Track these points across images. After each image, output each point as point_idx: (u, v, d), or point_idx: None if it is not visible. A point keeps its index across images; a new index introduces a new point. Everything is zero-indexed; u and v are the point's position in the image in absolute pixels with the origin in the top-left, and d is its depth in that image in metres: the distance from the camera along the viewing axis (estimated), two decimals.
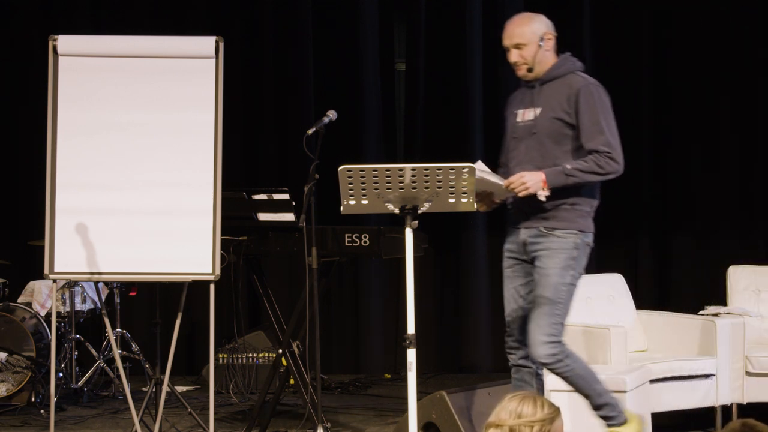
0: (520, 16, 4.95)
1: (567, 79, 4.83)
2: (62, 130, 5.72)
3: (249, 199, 6.09)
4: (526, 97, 4.91)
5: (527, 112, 4.86)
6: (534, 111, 4.83)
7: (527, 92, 4.91)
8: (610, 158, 4.74)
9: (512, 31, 4.88)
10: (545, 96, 4.83)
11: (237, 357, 7.64)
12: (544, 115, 4.80)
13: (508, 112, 5.02)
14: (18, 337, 7.10)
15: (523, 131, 4.86)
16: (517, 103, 4.96)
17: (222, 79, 5.72)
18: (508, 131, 4.99)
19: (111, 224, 5.69)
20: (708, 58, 8.31)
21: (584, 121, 4.73)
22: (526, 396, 3.24)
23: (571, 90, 4.78)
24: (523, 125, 4.86)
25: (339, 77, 8.59)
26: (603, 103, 4.78)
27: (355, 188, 4.32)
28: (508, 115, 5.01)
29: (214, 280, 5.69)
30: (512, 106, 5.00)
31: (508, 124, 5.00)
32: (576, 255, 4.78)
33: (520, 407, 3.21)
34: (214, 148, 5.71)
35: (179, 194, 5.70)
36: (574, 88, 4.78)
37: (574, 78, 4.83)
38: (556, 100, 4.79)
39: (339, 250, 5.95)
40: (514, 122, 4.92)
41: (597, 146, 4.72)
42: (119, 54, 5.76)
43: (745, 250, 8.01)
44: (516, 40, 4.85)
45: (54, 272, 5.71)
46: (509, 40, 4.87)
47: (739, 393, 6.27)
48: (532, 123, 4.82)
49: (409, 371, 4.35)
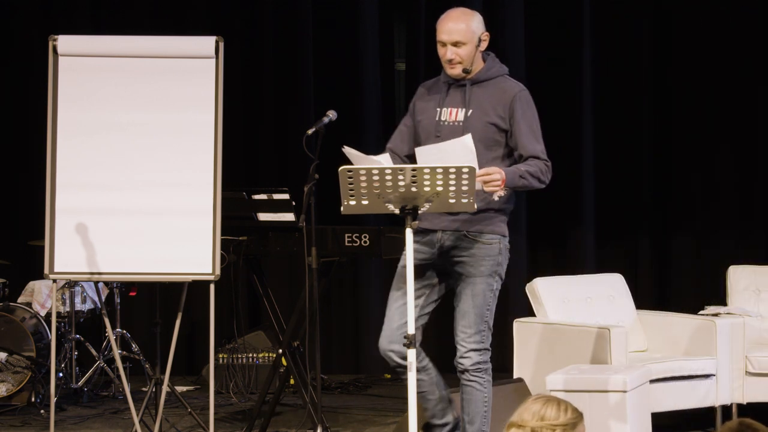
0: (461, 11, 4.75)
1: (498, 82, 4.74)
2: (62, 130, 5.72)
3: (249, 199, 6.09)
4: (452, 95, 4.75)
5: (455, 112, 4.72)
6: (464, 112, 4.70)
7: (455, 91, 4.75)
8: (549, 168, 4.70)
9: (453, 27, 4.69)
10: (477, 98, 4.71)
11: (237, 357, 7.64)
12: (476, 118, 4.68)
13: (421, 105, 4.81)
14: (18, 337, 7.10)
15: (448, 131, 4.68)
16: (438, 99, 4.77)
17: (222, 79, 5.72)
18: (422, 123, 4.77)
19: (111, 224, 5.69)
20: (709, 58, 8.30)
21: (522, 127, 4.67)
22: (550, 399, 3.23)
23: (505, 95, 4.70)
24: (450, 125, 4.71)
25: (339, 77, 8.59)
26: (534, 111, 4.74)
27: (355, 188, 4.31)
28: (422, 109, 4.80)
29: (214, 280, 5.69)
30: (430, 101, 4.80)
31: (420, 116, 4.79)
32: (500, 261, 4.74)
33: (543, 409, 3.19)
34: (214, 148, 5.71)
35: (179, 194, 5.70)
36: (508, 93, 4.70)
37: (506, 82, 4.76)
38: (490, 104, 4.69)
39: (339, 250, 5.95)
40: (435, 119, 4.74)
41: (537, 153, 4.67)
42: (119, 54, 5.76)
43: (745, 250, 8.00)
44: (456, 37, 4.67)
45: (54, 272, 5.71)
46: (448, 35, 4.68)
47: (739, 393, 6.27)
48: (462, 125, 4.68)
49: (409, 371, 4.34)
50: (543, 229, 8.49)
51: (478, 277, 4.70)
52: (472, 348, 4.72)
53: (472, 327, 4.70)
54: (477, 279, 4.70)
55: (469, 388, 4.76)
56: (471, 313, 4.71)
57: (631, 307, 6.71)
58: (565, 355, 6.05)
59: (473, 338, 4.71)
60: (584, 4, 8.43)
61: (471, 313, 4.71)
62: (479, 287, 4.70)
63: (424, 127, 4.78)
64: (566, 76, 8.43)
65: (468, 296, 4.71)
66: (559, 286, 6.61)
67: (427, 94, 4.85)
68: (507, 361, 7.17)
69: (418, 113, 4.83)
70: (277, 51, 8.57)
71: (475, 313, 4.70)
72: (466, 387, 4.77)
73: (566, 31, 8.45)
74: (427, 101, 4.82)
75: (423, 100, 4.84)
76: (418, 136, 4.80)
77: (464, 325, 4.72)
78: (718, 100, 8.32)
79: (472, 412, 4.76)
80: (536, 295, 6.49)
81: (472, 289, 4.71)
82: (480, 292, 4.70)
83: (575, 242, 8.46)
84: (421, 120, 4.80)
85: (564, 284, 6.66)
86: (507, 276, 8.72)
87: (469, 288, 4.71)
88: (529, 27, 8.43)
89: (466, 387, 4.76)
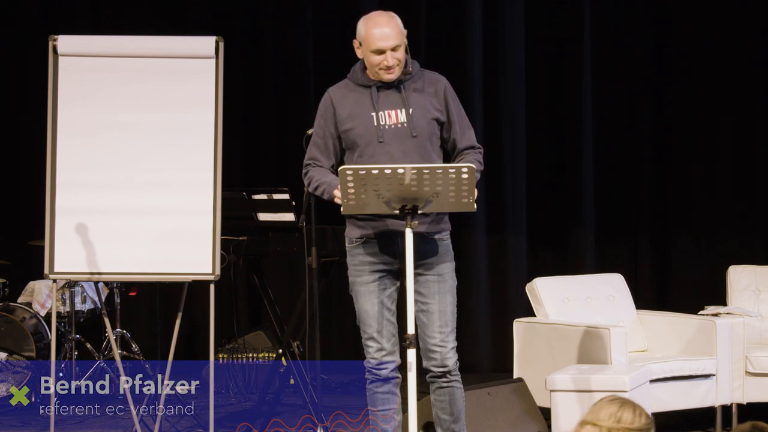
0: (387, 16, 4.67)
1: (424, 75, 4.69)
2: (62, 130, 5.72)
3: (249, 199, 6.10)
4: (385, 97, 4.63)
5: (394, 114, 4.62)
6: (404, 112, 4.62)
7: (387, 92, 4.63)
8: (482, 154, 4.72)
9: (389, 32, 4.59)
10: (412, 96, 4.64)
11: (237, 357, 7.64)
12: (419, 116, 4.62)
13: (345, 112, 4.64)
14: (18, 337, 7.10)
15: (393, 134, 4.59)
16: (366, 104, 4.63)
17: (222, 79, 5.72)
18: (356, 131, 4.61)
19: (111, 224, 5.68)
20: (709, 58, 8.30)
21: (455, 117, 4.67)
22: (626, 402, 3.22)
23: (437, 86, 4.67)
24: (393, 128, 4.61)
25: (339, 77, 8.57)
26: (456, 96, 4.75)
27: (355, 188, 4.31)
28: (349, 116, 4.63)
29: (214, 280, 5.69)
30: (357, 106, 4.64)
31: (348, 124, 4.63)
32: (453, 256, 4.74)
33: (620, 412, 3.18)
34: (214, 148, 5.71)
35: (179, 194, 5.69)
36: (438, 85, 4.68)
37: (429, 74, 4.72)
38: (426, 99, 4.65)
39: (339, 250, 5.96)
40: (373, 125, 4.60)
41: (472, 142, 4.71)
42: (119, 54, 5.75)
43: (745, 250, 8.00)
44: (393, 42, 4.58)
45: (54, 272, 5.71)
46: (386, 41, 4.58)
47: (739, 393, 6.27)
48: (406, 126, 4.61)
49: (409, 371, 4.34)
50: (543, 229, 8.49)
51: (445, 274, 4.68)
52: (452, 347, 4.70)
53: (449, 325, 4.68)
54: (443, 277, 4.67)
55: (451, 389, 4.73)
56: (446, 312, 4.67)
57: (631, 307, 6.71)
58: (565, 355, 6.05)
59: (450, 337, 4.68)
60: (584, 4, 8.42)
61: (446, 311, 4.67)
62: (448, 284, 4.68)
63: (359, 134, 4.62)
64: (566, 76, 8.43)
65: (440, 295, 4.66)
66: (559, 286, 6.61)
67: (344, 104, 4.68)
68: (507, 361, 7.17)
69: (344, 122, 4.66)
70: (277, 51, 8.56)
71: (449, 311, 4.67)
72: (446, 389, 4.73)
73: (566, 31, 8.45)
74: (350, 111, 4.65)
75: (345, 108, 4.67)
76: (353, 143, 4.65)
77: (441, 325, 4.66)
78: (719, 99, 8.32)
79: (457, 410, 4.74)
80: (536, 295, 6.49)
81: (442, 288, 4.67)
82: (449, 288, 4.68)
83: (575, 242, 8.46)
84: (354, 127, 4.63)
85: (564, 284, 6.66)
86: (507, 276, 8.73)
87: (438, 287, 4.66)
88: (529, 28, 8.42)
89: (447, 388, 4.73)
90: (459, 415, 4.75)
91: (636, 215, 8.48)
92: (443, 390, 4.73)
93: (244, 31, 8.59)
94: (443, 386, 4.72)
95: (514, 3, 8.38)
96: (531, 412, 5.89)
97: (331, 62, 8.60)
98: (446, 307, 4.66)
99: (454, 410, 4.74)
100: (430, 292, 4.67)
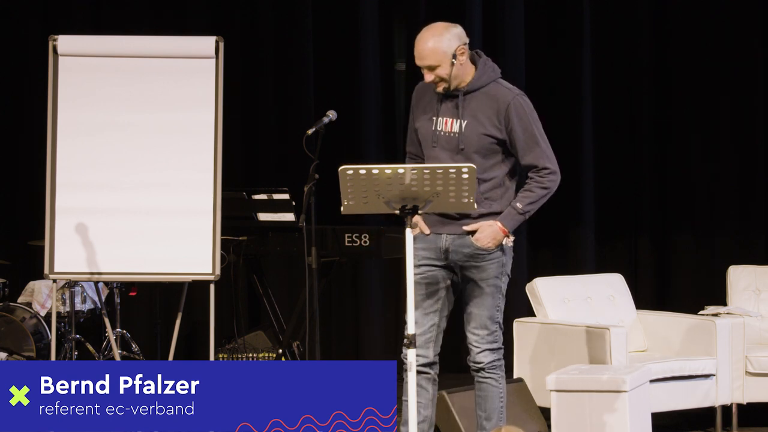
0: (430, 32, 4.63)
1: (491, 90, 4.69)
2: (62, 130, 5.73)
3: (249, 199, 6.10)
4: (446, 104, 4.71)
5: (450, 123, 4.69)
6: (459, 123, 4.67)
7: (448, 100, 4.70)
8: (550, 173, 4.70)
9: (422, 52, 4.60)
10: (470, 109, 4.67)
11: (237, 357, 7.64)
12: (471, 129, 4.66)
13: (417, 112, 4.78)
14: (18, 337, 7.10)
15: (445, 141, 4.69)
16: (433, 106, 4.73)
17: (222, 79, 5.73)
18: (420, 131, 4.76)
19: (111, 224, 5.69)
20: (708, 56, 8.30)
21: (519, 136, 4.65)
22: None
23: (499, 104, 4.66)
24: (446, 136, 4.69)
25: (339, 77, 8.59)
26: (532, 113, 4.70)
27: (355, 188, 4.31)
28: (418, 117, 4.77)
29: (214, 280, 5.69)
30: (426, 109, 4.76)
31: (418, 122, 4.77)
32: (505, 261, 4.78)
33: None
34: (214, 148, 5.72)
35: (179, 194, 5.70)
36: (502, 102, 4.66)
37: (498, 89, 4.70)
38: (484, 114, 4.66)
39: (339, 250, 5.96)
40: (431, 128, 4.72)
41: (535, 161, 4.68)
42: (119, 54, 5.76)
43: (745, 250, 8.00)
44: (428, 62, 4.61)
45: (54, 272, 5.72)
46: (420, 60, 4.62)
47: (739, 393, 6.27)
48: (457, 137, 4.67)
49: (409, 371, 4.35)
50: (543, 229, 8.48)
51: (486, 279, 4.73)
52: (486, 348, 4.77)
53: (484, 329, 4.76)
54: (485, 282, 4.73)
55: (485, 385, 4.80)
56: (481, 316, 4.75)
57: (631, 307, 6.71)
58: (565, 355, 6.05)
59: (486, 339, 4.76)
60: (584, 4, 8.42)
61: (481, 315, 4.75)
62: (488, 290, 4.73)
63: (422, 135, 4.78)
64: (566, 77, 8.43)
65: (477, 300, 4.74)
66: (559, 286, 6.62)
67: (422, 100, 4.80)
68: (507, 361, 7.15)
69: (416, 120, 4.82)
70: (277, 51, 8.56)
71: (485, 316, 4.74)
72: (481, 384, 4.81)
73: (566, 31, 8.45)
74: (423, 109, 4.79)
75: (419, 108, 4.81)
76: (420, 140, 4.82)
77: (475, 327, 4.77)
78: (719, 98, 8.32)
79: (489, 408, 4.80)
80: (536, 295, 6.50)
81: (480, 293, 4.74)
82: (489, 293, 4.73)
83: (575, 242, 8.46)
84: (419, 128, 4.80)
85: (564, 284, 6.66)
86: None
87: (478, 291, 4.74)
88: (529, 28, 8.43)
89: (482, 384, 4.80)
90: (491, 413, 4.80)
91: (636, 215, 8.48)
92: (479, 385, 4.82)
93: (244, 31, 8.59)
94: (479, 381, 4.82)
95: (515, 3, 8.38)
96: (531, 412, 5.89)
97: (330, 62, 8.61)
98: (480, 312, 4.73)
99: (487, 407, 4.80)
100: (468, 294, 4.77)
